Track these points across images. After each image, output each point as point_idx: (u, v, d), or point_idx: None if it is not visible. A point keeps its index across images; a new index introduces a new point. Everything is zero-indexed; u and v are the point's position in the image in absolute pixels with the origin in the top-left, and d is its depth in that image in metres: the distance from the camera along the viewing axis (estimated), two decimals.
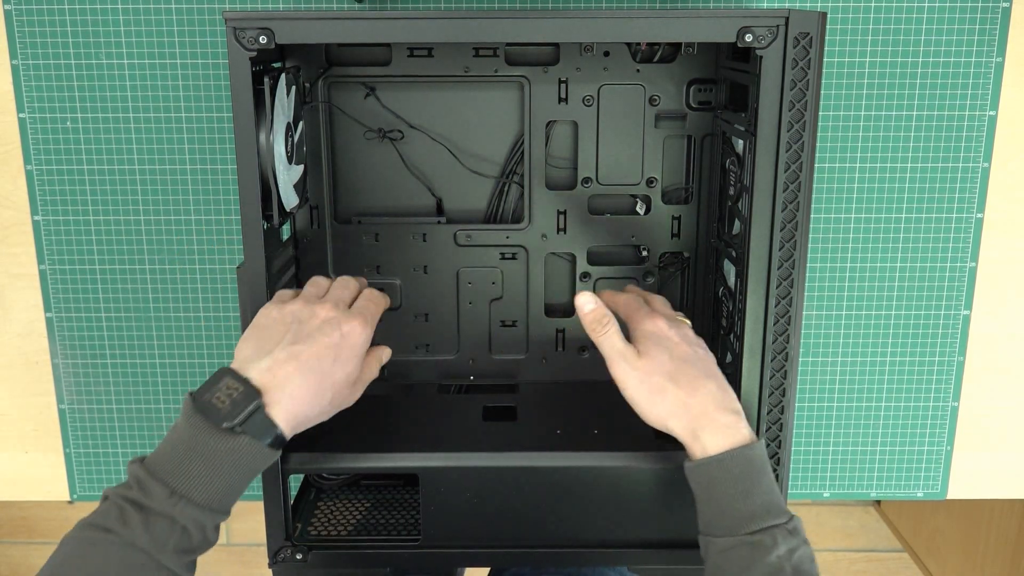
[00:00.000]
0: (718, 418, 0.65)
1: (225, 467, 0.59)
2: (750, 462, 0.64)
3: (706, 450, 0.65)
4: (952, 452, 0.95)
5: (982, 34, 0.83)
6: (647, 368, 0.67)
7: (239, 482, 0.60)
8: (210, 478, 0.59)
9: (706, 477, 0.65)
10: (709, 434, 0.65)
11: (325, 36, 0.65)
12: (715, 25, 0.65)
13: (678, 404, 0.66)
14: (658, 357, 0.68)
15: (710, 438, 0.65)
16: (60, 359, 0.92)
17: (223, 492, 0.59)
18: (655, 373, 0.67)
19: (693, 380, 0.67)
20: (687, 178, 0.85)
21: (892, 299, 0.90)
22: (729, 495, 0.63)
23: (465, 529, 0.75)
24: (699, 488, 0.65)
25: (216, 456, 0.59)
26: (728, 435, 0.65)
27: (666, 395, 0.66)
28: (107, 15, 0.83)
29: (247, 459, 0.60)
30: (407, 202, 0.85)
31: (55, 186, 0.87)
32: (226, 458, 0.59)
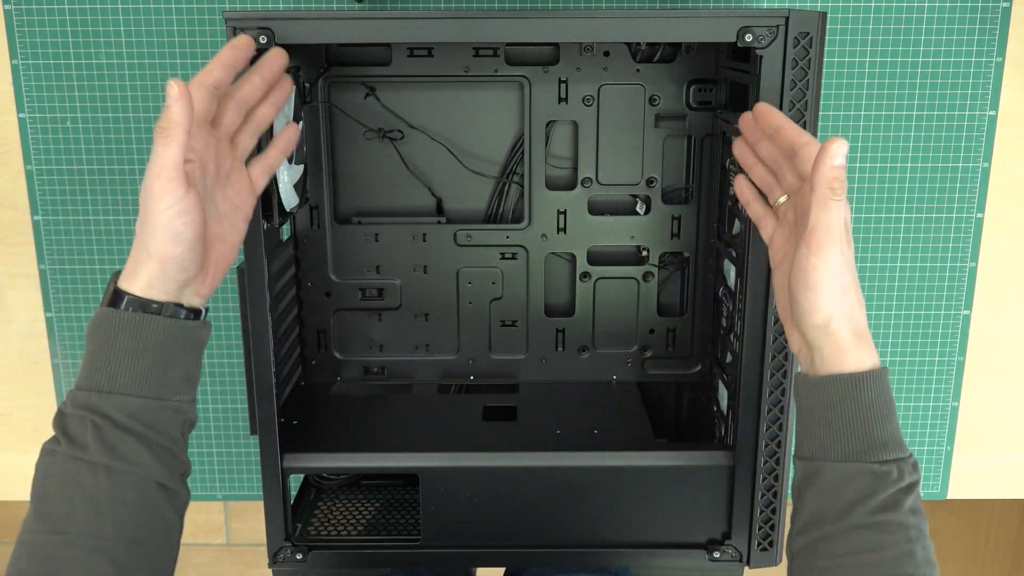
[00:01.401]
0: (870, 340, 0.60)
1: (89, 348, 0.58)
2: (886, 389, 0.59)
3: (859, 365, 0.58)
4: (952, 452, 0.95)
5: (982, 34, 0.83)
6: (850, 262, 0.59)
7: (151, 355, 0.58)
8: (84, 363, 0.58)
9: (839, 394, 0.58)
10: (866, 351, 0.59)
11: (325, 36, 0.65)
12: (715, 25, 0.65)
13: (851, 311, 0.59)
14: (850, 255, 0.59)
15: (865, 355, 0.59)
16: (60, 359, 0.92)
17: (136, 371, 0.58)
18: (849, 270, 0.59)
19: (860, 295, 0.60)
20: (687, 178, 0.85)
21: (892, 299, 0.90)
22: (864, 419, 0.58)
23: (465, 529, 0.75)
24: (825, 406, 0.59)
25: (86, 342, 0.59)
26: (874, 358, 0.59)
27: (847, 297, 0.59)
28: (107, 15, 0.83)
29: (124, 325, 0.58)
30: (407, 202, 0.85)
31: (55, 186, 0.87)
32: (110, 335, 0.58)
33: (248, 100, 0.64)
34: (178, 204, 0.57)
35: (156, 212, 0.57)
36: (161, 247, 0.58)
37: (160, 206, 0.57)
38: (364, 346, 0.89)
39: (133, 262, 0.59)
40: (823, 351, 0.59)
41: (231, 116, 0.63)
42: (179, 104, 0.56)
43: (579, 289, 0.87)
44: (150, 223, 0.57)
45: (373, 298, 0.87)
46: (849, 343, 0.58)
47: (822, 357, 0.59)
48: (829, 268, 0.58)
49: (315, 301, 0.87)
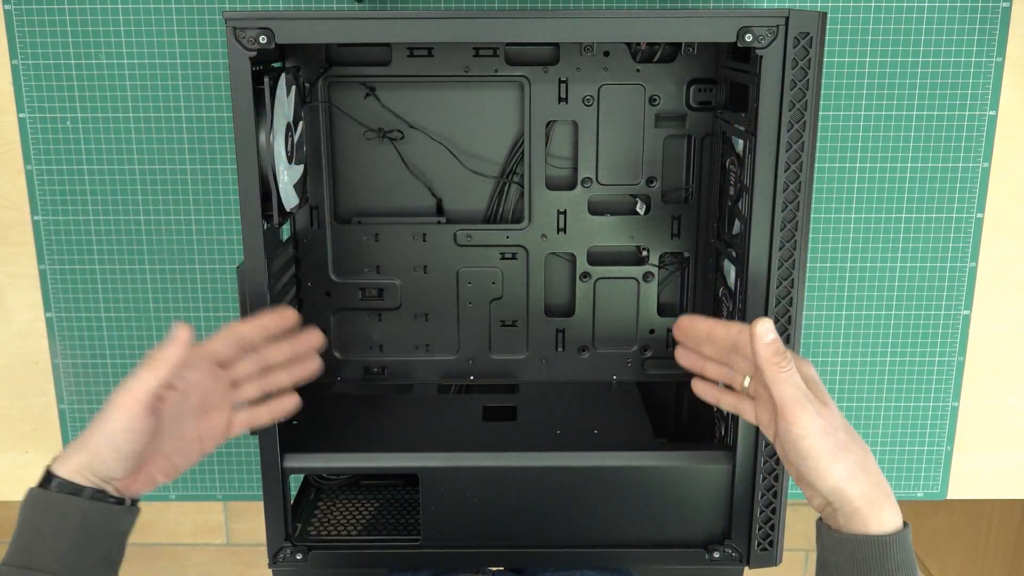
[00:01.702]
0: (890, 492, 0.60)
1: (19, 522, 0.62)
2: (909, 551, 0.59)
3: (883, 527, 0.58)
4: (952, 452, 0.95)
5: (982, 34, 0.83)
6: (832, 420, 0.59)
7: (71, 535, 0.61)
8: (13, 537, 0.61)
9: (865, 554, 0.58)
10: (888, 509, 0.59)
11: (325, 36, 0.65)
12: (715, 25, 0.65)
13: (858, 467, 0.59)
14: (835, 410, 0.60)
15: (888, 515, 0.59)
16: (60, 359, 0.92)
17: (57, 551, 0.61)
18: (840, 428, 0.59)
19: (862, 444, 0.60)
20: (687, 178, 0.85)
21: (892, 299, 0.90)
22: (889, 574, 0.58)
23: (465, 529, 0.75)
24: (850, 563, 0.59)
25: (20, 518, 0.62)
26: (896, 514, 0.60)
27: (849, 454, 0.59)
28: (107, 15, 0.83)
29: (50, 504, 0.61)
30: (407, 202, 0.85)
31: (55, 186, 0.87)
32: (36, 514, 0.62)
33: (269, 360, 0.68)
34: (129, 424, 0.61)
35: (108, 420, 0.61)
36: (98, 446, 0.62)
37: (114, 416, 0.61)
38: (364, 346, 0.89)
39: (71, 448, 0.63)
40: (844, 511, 0.59)
41: (245, 366, 0.68)
42: (175, 347, 0.62)
43: (579, 289, 0.87)
44: (99, 422, 0.62)
45: (373, 298, 0.87)
46: (868, 504, 0.59)
47: (845, 516, 0.59)
48: (814, 433, 0.59)
49: (315, 301, 0.87)
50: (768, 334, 0.60)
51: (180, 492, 0.96)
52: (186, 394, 0.65)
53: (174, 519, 2.02)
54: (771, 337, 0.60)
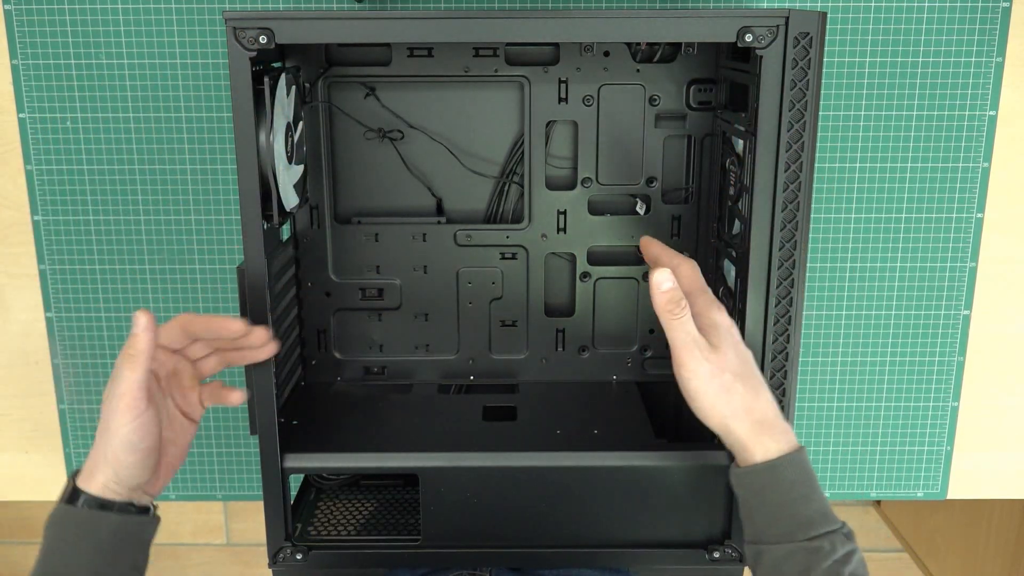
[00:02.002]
0: (776, 424, 0.64)
1: (46, 539, 0.64)
2: (805, 468, 0.63)
3: (767, 454, 0.63)
4: (952, 452, 0.95)
5: (982, 34, 0.83)
6: (720, 363, 0.64)
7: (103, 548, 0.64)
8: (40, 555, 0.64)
9: (760, 482, 0.63)
10: (769, 439, 0.63)
11: (325, 36, 0.65)
12: (715, 25, 0.65)
13: (743, 406, 0.64)
14: (728, 353, 0.64)
15: (770, 443, 0.63)
16: (60, 359, 0.92)
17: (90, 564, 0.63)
18: (726, 370, 0.64)
19: (756, 383, 0.65)
20: (687, 178, 0.85)
21: (892, 299, 0.90)
22: (786, 501, 0.62)
23: (465, 529, 0.75)
24: (751, 494, 0.64)
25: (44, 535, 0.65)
26: (784, 441, 0.63)
27: (733, 395, 0.64)
28: (107, 15, 0.83)
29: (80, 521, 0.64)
30: (407, 202, 0.85)
31: (55, 186, 0.87)
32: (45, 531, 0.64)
33: (221, 343, 0.70)
34: (136, 420, 0.63)
35: (117, 426, 0.63)
36: (117, 454, 0.64)
37: (120, 421, 0.63)
38: (364, 346, 0.89)
39: (91, 464, 0.65)
40: (734, 448, 0.65)
41: (198, 347, 0.69)
42: (146, 334, 0.63)
43: (579, 289, 0.87)
44: (110, 432, 0.64)
45: (373, 298, 0.87)
46: (750, 437, 0.64)
47: (736, 453, 0.65)
48: (700, 375, 0.63)
49: (315, 301, 0.87)
50: (664, 283, 0.63)
51: (180, 492, 0.96)
52: (156, 373, 0.68)
53: (174, 519, 2.02)
54: (666, 286, 0.63)
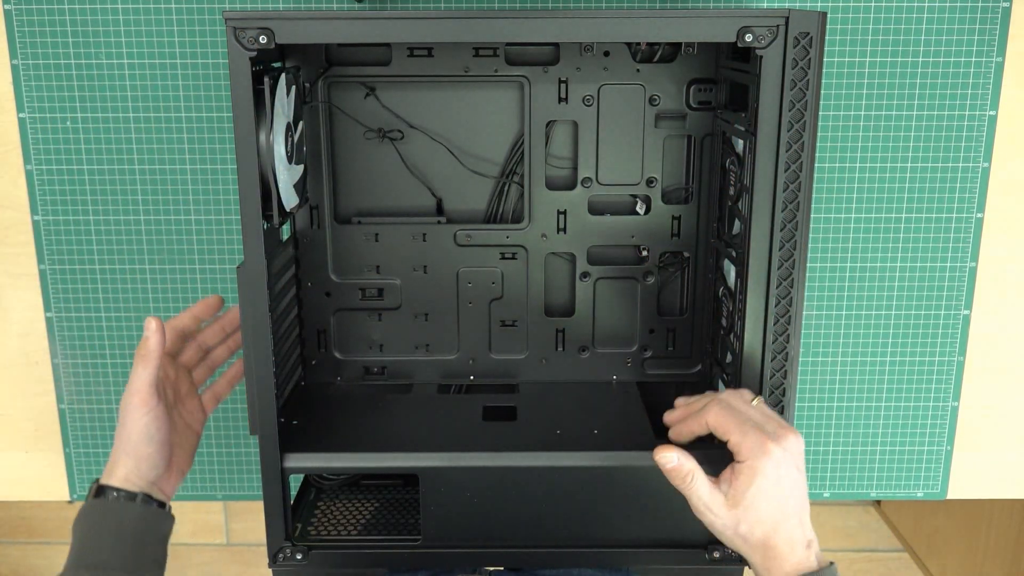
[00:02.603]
0: (791, 556, 0.64)
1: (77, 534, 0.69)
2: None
3: (783, 571, 0.64)
4: (952, 452, 0.95)
5: (982, 34, 0.83)
6: (738, 518, 0.65)
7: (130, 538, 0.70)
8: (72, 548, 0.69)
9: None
10: (785, 557, 0.64)
11: (325, 36, 0.65)
12: (715, 25, 0.65)
13: (759, 543, 0.65)
14: (752, 508, 0.65)
15: (786, 560, 0.64)
16: (60, 359, 0.92)
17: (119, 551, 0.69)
18: (744, 522, 0.65)
19: (780, 519, 0.65)
20: (687, 178, 0.85)
21: (892, 299, 0.90)
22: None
23: (465, 529, 0.75)
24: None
25: (73, 531, 0.70)
26: (801, 558, 0.64)
27: (750, 539, 0.65)
28: (107, 15, 0.83)
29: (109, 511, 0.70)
30: (407, 202, 0.85)
31: (55, 186, 0.87)
32: (75, 528, 0.70)
33: (208, 344, 0.80)
34: (151, 413, 0.71)
35: (133, 420, 0.71)
36: (136, 447, 0.71)
37: (136, 415, 0.71)
38: (364, 346, 0.89)
39: (112, 462, 0.72)
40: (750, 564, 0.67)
41: (191, 354, 0.79)
42: (156, 336, 0.71)
43: (579, 289, 0.87)
44: (127, 428, 0.71)
45: (373, 298, 0.87)
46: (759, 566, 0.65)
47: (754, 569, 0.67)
48: (715, 527, 0.66)
49: (315, 301, 0.87)
50: (669, 463, 0.67)
51: (180, 492, 0.96)
52: (164, 387, 0.74)
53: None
54: (671, 465, 0.67)
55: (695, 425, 0.69)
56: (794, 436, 0.66)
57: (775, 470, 0.64)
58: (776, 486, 0.64)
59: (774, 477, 0.64)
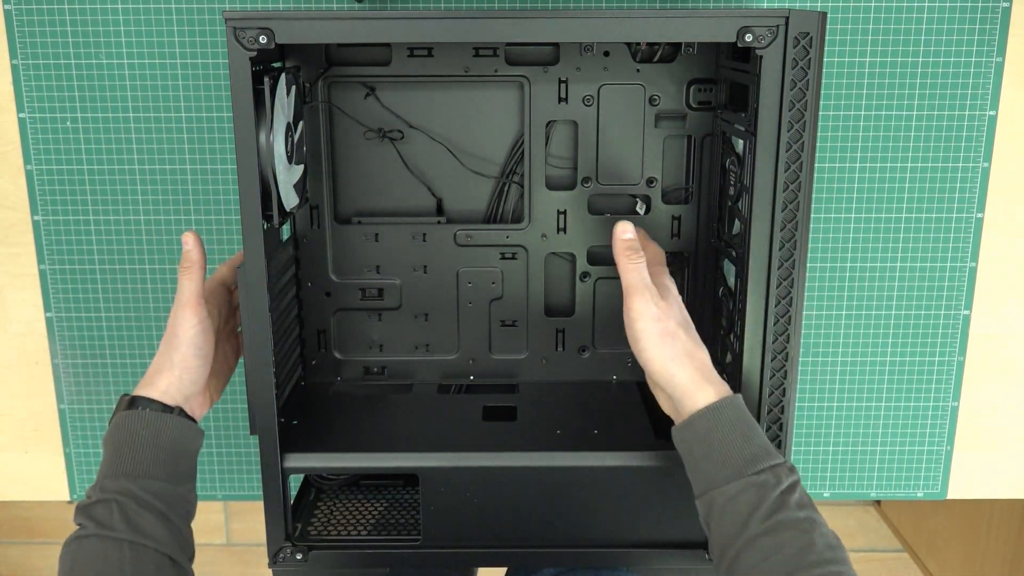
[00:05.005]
0: (714, 375, 0.68)
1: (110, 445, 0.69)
2: (742, 409, 0.66)
3: (708, 399, 0.66)
4: (952, 452, 0.95)
5: (982, 34, 0.83)
6: (666, 311, 0.69)
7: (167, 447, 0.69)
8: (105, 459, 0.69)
9: (705, 426, 0.66)
10: (709, 385, 0.67)
11: (325, 36, 0.65)
12: (715, 25, 0.65)
13: (685, 352, 0.68)
14: (674, 306, 0.70)
15: (710, 389, 0.67)
16: (60, 359, 0.92)
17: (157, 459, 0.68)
18: (671, 318, 0.69)
19: (696, 338, 0.70)
20: (687, 178, 0.85)
21: (892, 299, 0.90)
22: (729, 441, 0.65)
23: (465, 529, 0.75)
24: (696, 441, 0.66)
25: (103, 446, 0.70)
26: (723, 389, 0.67)
27: (676, 341, 0.68)
28: (107, 15, 0.83)
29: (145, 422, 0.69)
30: (407, 202, 0.85)
31: (55, 186, 0.87)
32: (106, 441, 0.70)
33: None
34: (201, 324, 0.71)
35: (184, 329, 0.70)
36: (185, 357, 0.71)
37: (186, 324, 0.70)
38: (364, 346, 0.89)
39: (153, 372, 0.71)
40: (675, 395, 0.68)
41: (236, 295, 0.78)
42: (196, 248, 0.71)
43: (579, 289, 0.87)
44: (177, 338, 0.71)
45: (373, 298, 0.87)
46: (693, 381, 0.67)
47: (678, 400, 0.68)
48: (646, 316, 0.68)
49: (315, 301, 0.87)
50: (626, 232, 0.70)
51: None
52: (212, 314, 0.74)
53: None
54: (628, 236, 0.70)
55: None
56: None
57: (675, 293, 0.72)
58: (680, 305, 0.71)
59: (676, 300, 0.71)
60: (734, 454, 0.64)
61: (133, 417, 0.69)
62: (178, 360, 0.71)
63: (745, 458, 0.64)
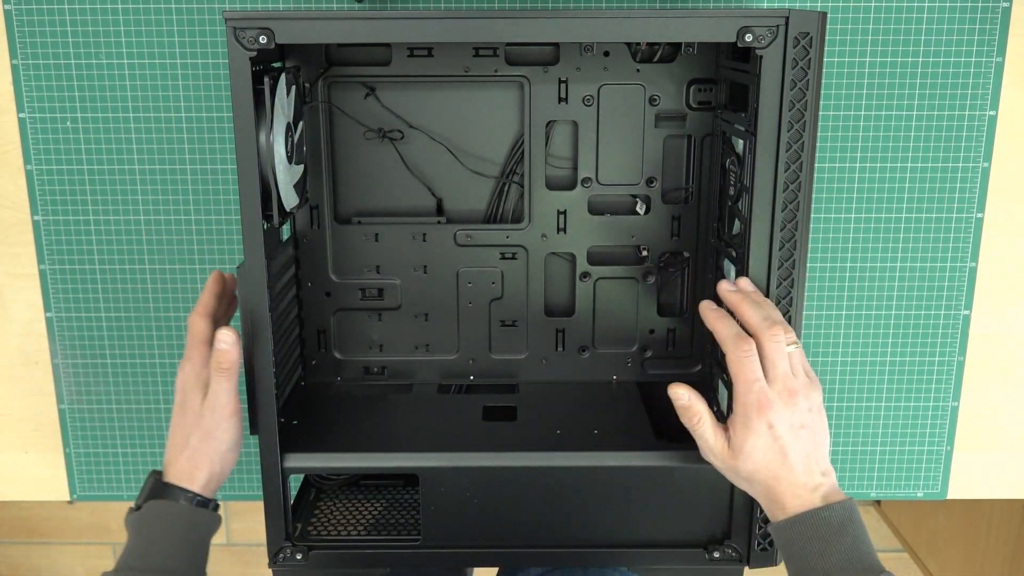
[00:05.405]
0: (793, 499, 0.66)
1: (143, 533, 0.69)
2: (826, 523, 0.64)
3: (785, 512, 0.65)
4: (952, 452, 0.95)
5: (982, 34, 0.83)
6: (736, 467, 0.67)
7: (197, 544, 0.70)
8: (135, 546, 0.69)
9: (783, 539, 0.65)
10: (787, 500, 0.66)
11: (325, 36, 0.65)
12: (715, 25, 0.65)
13: (762, 488, 0.67)
14: (753, 455, 0.66)
15: (788, 503, 0.65)
16: (60, 359, 0.92)
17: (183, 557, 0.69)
18: (745, 469, 0.67)
19: (779, 469, 0.66)
20: (687, 178, 0.85)
21: (892, 299, 0.90)
22: (806, 554, 0.64)
23: (465, 529, 0.75)
24: (782, 548, 0.66)
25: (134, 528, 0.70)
26: (804, 499, 0.65)
27: (753, 484, 0.68)
28: (107, 15, 0.83)
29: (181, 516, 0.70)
30: (407, 202, 0.85)
31: (55, 186, 0.87)
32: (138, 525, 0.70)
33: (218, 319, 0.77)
34: (238, 425, 0.72)
35: (225, 430, 0.71)
36: (224, 456, 0.72)
37: (226, 427, 0.71)
38: (364, 346, 0.89)
39: (191, 465, 0.71)
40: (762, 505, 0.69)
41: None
42: (235, 349, 0.70)
43: (579, 289, 0.87)
44: (216, 439, 0.71)
45: (373, 298, 0.87)
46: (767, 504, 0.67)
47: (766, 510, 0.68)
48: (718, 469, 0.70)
49: (315, 301, 0.87)
50: (681, 399, 0.69)
51: None
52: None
53: None
54: (682, 402, 0.69)
55: (721, 327, 0.70)
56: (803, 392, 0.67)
57: (767, 429, 0.66)
58: (772, 441, 0.66)
59: (768, 435, 0.66)
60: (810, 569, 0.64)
61: (170, 509, 0.69)
62: (218, 459, 0.72)
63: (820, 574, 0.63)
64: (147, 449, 0.94)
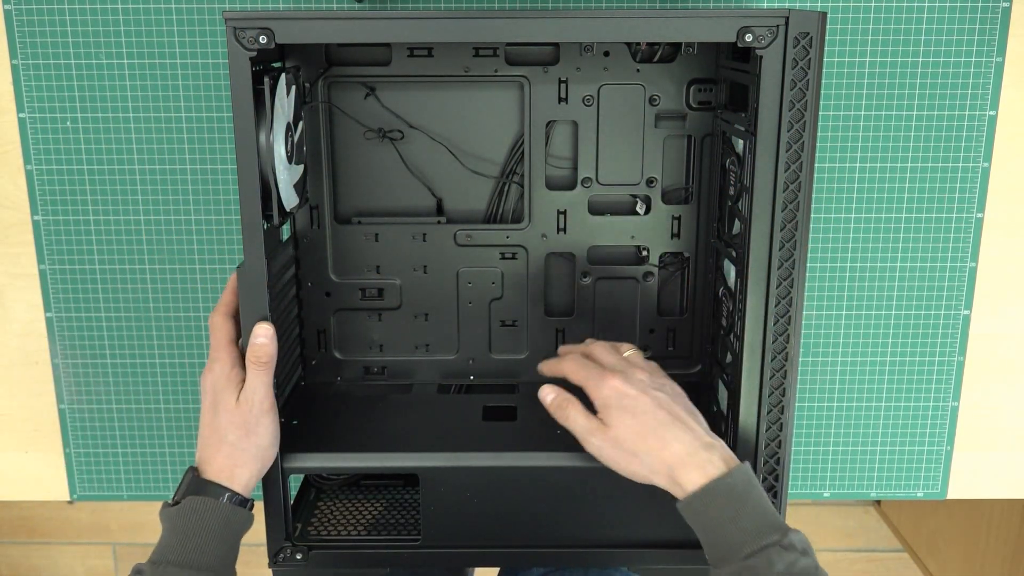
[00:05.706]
0: (691, 460, 0.67)
1: (180, 527, 0.69)
2: (731, 489, 0.65)
3: (686, 489, 0.66)
4: (952, 452, 0.95)
5: (982, 34, 0.83)
6: (615, 437, 0.69)
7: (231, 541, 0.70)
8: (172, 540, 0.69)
9: (693, 513, 0.66)
10: (686, 475, 0.66)
11: (325, 36, 0.65)
12: (715, 25, 0.65)
13: (654, 461, 0.68)
14: (623, 422, 0.69)
15: (688, 478, 0.66)
16: (60, 359, 0.92)
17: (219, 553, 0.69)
18: (624, 440, 0.68)
19: (661, 433, 0.68)
20: (687, 178, 0.85)
21: (892, 299, 0.90)
22: (718, 524, 0.65)
23: (465, 529, 0.75)
24: (694, 523, 0.67)
25: (170, 522, 0.70)
26: (704, 471, 0.66)
27: (639, 457, 0.68)
28: (107, 15, 0.83)
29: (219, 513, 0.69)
30: (407, 202, 0.85)
31: (55, 186, 0.87)
32: (176, 520, 0.69)
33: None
34: (276, 420, 0.72)
35: (264, 426, 0.71)
36: (265, 452, 0.71)
37: (266, 421, 0.71)
38: (364, 346, 0.89)
39: (231, 463, 0.70)
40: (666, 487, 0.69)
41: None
42: (272, 343, 0.70)
43: (579, 289, 0.87)
44: (258, 435, 0.71)
45: (373, 298, 0.87)
46: (669, 484, 0.68)
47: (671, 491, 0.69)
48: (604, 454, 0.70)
49: (315, 301, 0.87)
50: (547, 396, 0.73)
51: None
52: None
53: None
54: (550, 399, 0.73)
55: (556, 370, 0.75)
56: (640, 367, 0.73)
57: (629, 389, 0.69)
58: (640, 394, 0.69)
59: (633, 394, 0.69)
60: (724, 538, 0.65)
61: (209, 506, 0.69)
62: (260, 455, 0.71)
63: (734, 541, 0.64)
64: (147, 449, 0.94)
